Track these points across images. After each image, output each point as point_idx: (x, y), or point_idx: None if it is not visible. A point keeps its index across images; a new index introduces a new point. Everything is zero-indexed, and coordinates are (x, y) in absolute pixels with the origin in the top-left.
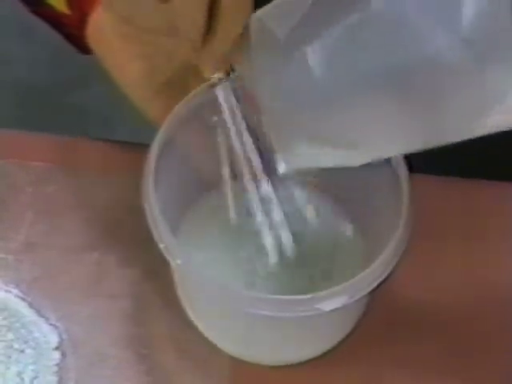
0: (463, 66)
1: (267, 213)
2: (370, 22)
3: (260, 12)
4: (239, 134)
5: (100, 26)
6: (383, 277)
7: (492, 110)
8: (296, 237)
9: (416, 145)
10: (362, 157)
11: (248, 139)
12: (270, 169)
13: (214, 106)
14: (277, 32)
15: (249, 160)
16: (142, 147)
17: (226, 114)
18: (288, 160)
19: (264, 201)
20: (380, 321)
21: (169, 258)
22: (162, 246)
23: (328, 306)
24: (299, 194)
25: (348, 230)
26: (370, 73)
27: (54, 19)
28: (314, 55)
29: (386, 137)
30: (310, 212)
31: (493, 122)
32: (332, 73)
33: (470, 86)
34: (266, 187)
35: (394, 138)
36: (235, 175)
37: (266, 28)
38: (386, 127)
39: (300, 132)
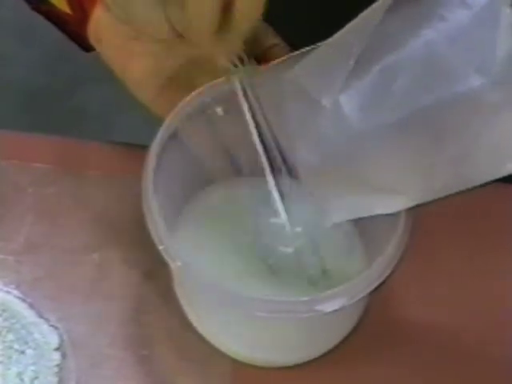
0: (498, 105)
1: (268, 213)
2: (404, 63)
3: (295, 71)
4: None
5: (101, 25)
6: (383, 278)
7: None
8: (296, 237)
9: (447, 190)
10: (402, 202)
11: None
12: (272, 167)
13: (218, 104)
14: (314, 92)
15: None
16: (142, 148)
17: (243, 103)
18: (333, 214)
19: (265, 200)
20: (379, 322)
21: (168, 259)
22: (161, 247)
23: (328, 307)
24: (299, 195)
25: (348, 230)
26: (405, 116)
27: (55, 17)
28: (348, 103)
29: (423, 181)
30: (309, 213)
31: None
32: (367, 118)
33: (504, 124)
34: (269, 187)
35: (432, 182)
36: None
37: (303, 88)
38: (423, 170)
39: (340, 183)
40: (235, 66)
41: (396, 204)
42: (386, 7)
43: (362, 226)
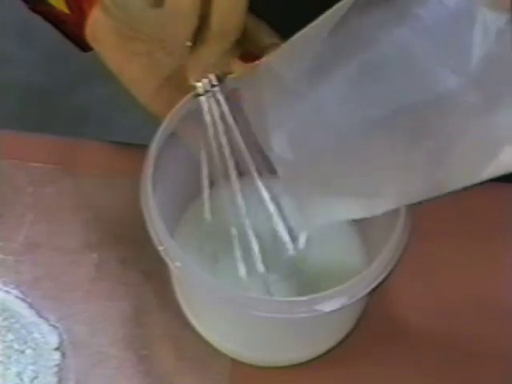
0: (474, 106)
1: (266, 213)
2: (380, 62)
3: (270, 59)
4: (225, 142)
5: (98, 25)
6: (382, 277)
7: (502, 150)
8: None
9: (426, 193)
10: (377, 206)
11: (241, 143)
12: (268, 169)
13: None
14: (287, 78)
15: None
16: (142, 148)
17: (208, 124)
18: (309, 217)
19: (261, 201)
20: (379, 321)
21: (168, 260)
22: (161, 248)
23: (327, 307)
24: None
25: (347, 230)
26: (381, 114)
27: (53, 17)
28: (323, 99)
29: (399, 183)
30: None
31: (503, 162)
32: (342, 116)
33: (481, 125)
34: (263, 188)
35: (407, 185)
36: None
37: (277, 75)
38: (398, 172)
39: (315, 184)
40: (205, 89)
41: (372, 207)
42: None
43: (362, 225)
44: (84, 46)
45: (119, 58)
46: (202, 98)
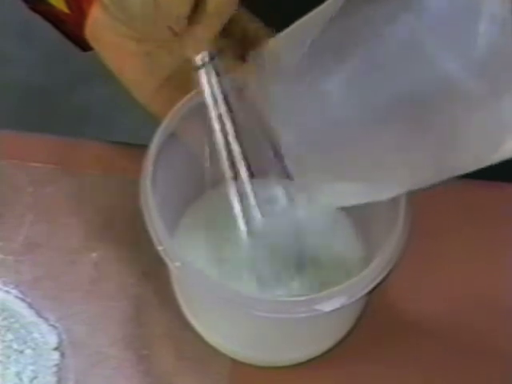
0: (479, 94)
1: (264, 214)
2: (383, 49)
3: (272, 43)
4: (222, 121)
5: (98, 25)
6: (382, 278)
7: (509, 137)
8: (295, 238)
9: (433, 177)
10: (380, 192)
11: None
12: (266, 168)
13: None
14: (289, 64)
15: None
16: (142, 148)
17: (208, 96)
18: (319, 200)
19: (262, 202)
20: (379, 321)
21: (167, 260)
22: (160, 248)
23: (327, 306)
24: (297, 196)
25: (347, 230)
26: (384, 102)
27: (52, 17)
28: (330, 87)
29: (402, 170)
30: (309, 213)
31: (509, 148)
32: (350, 105)
33: (486, 113)
34: (262, 189)
35: (410, 171)
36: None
37: (279, 60)
38: (404, 159)
39: (318, 170)
40: (203, 61)
41: (381, 192)
42: None
43: (362, 225)
44: (84, 46)
45: (119, 57)
46: (201, 71)
